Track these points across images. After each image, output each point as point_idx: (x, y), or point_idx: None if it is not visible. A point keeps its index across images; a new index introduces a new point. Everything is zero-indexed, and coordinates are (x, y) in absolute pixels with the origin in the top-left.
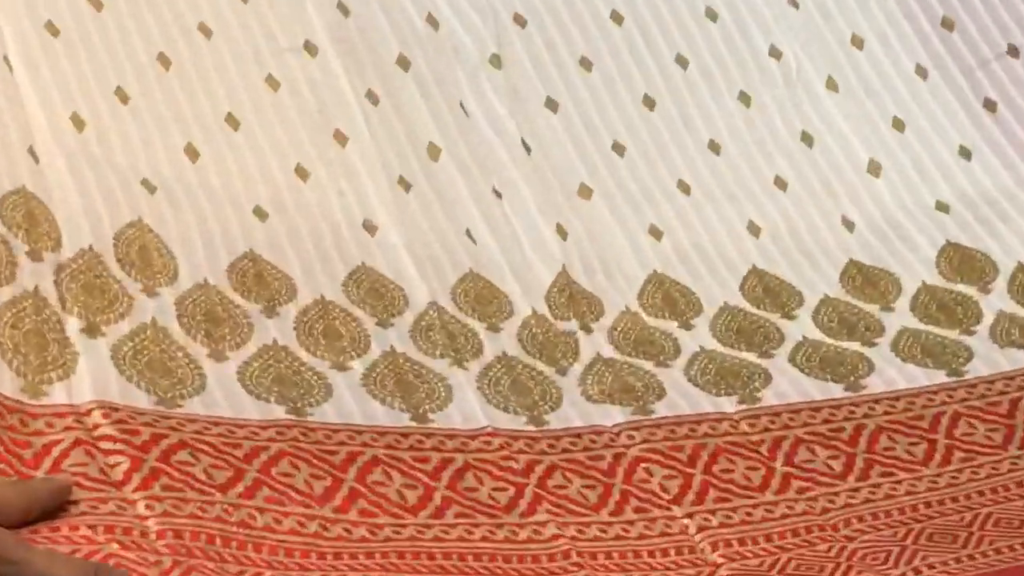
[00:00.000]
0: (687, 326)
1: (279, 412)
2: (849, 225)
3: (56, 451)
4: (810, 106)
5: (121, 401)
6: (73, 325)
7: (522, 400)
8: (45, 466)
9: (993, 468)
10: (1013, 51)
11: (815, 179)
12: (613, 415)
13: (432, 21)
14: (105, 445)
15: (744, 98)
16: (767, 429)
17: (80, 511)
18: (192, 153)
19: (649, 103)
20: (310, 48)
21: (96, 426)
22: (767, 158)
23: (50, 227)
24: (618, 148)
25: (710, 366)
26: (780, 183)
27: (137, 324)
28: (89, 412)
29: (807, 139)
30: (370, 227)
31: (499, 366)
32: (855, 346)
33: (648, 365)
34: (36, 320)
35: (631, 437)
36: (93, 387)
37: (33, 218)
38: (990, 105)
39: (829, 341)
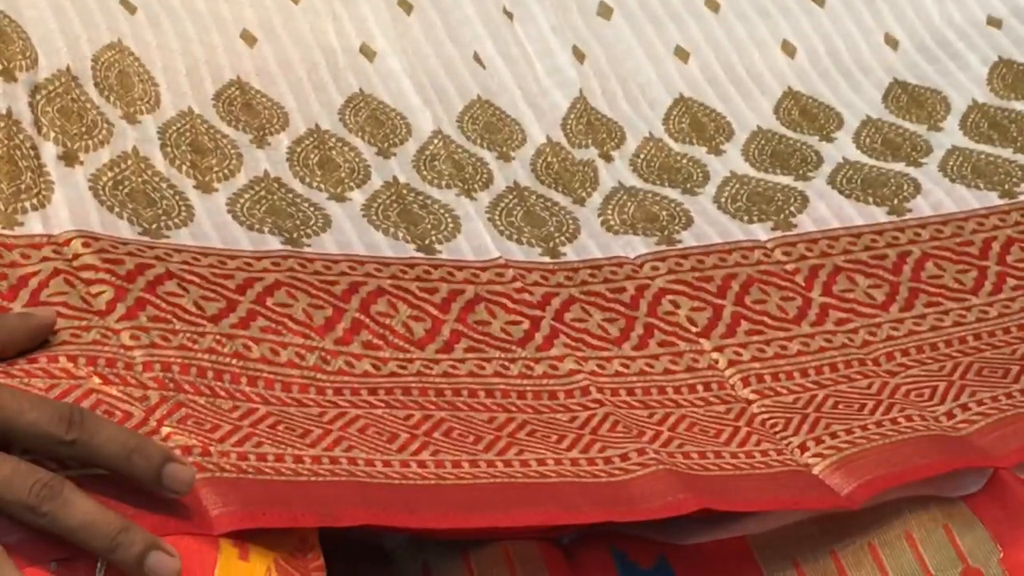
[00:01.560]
0: (717, 151)
1: (274, 243)
2: (893, 43)
3: (33, 282)
4: None
5: (102, 231)
6: (49, 151)
7: (536, 231)
8: (23, 299)
9: None
10: None
11: None
12: (635, 246)
13: None
14: (86, 275)
15: None
16: (803, 257)
17: (60, 340)
18: None
19: None
20: None
21: (76, 256)
22: None
23: (24, 46)
24: None
25: (742, 191)
26: None
27: (118, 153)
28: (68, 242)
29: None
30: (368, 52)
31: (511, 196)
32: (900, 167)
33: (674, 193)
34: (8, 145)
35: (655, 268)
36: (71, 217)
37: (5, 36)
38: None
39: (872, 162)
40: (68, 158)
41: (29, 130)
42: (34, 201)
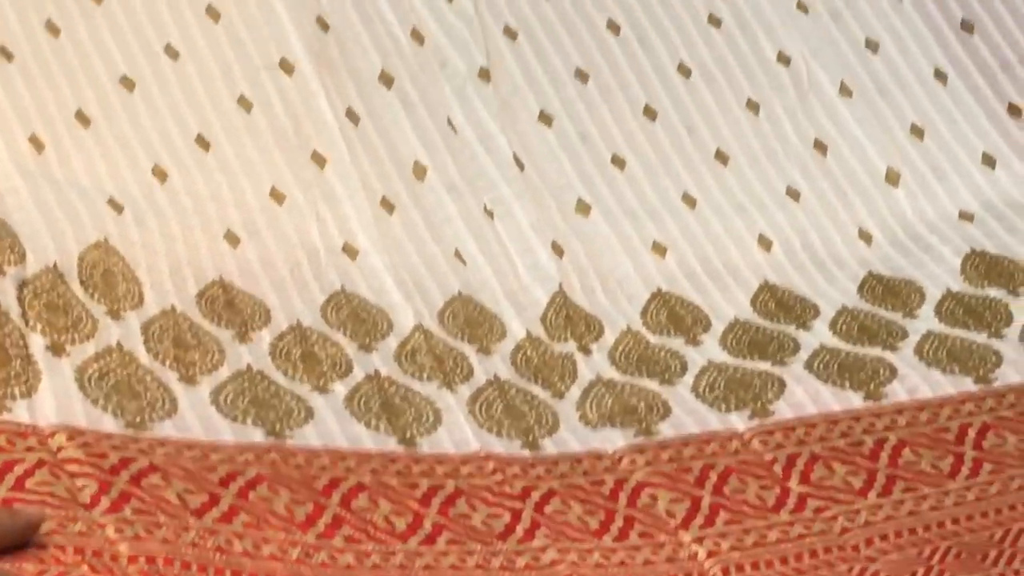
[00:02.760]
0: (695, 342)
1: (256, 435)
2: (867, 237)
3: (19, 469)
4: (823, 113)
5: (87, 424)
6: (37, 342)
7: (516, 424)
8: (8, 483)
9: None
10: None
11: (829, 189)
12: (614, 439)
13: (417, 35)
14: (71, 467)
15: (752, 106)
16: (780, 446)
17: (48, 529)
18: (160, 174)
19: (650, 114)
20: (286, 66)
21: (60, 448)
22: (778, 168)
23: (12, 243)
24: (618, 162)
25: (719, 380)
26: (792, 194)
27: (103, 347)
28: (52, 435)
29: (820, 147)
30: (351, 251)
31: (491, 390)
32: (876, 351)
33: (652, 384)
34: None
35: (634, 462)
36: (57, 409)
37: None
38: (1014, 110)
39: (848, 348)
40: (55, 349)
41: (17, 321)
42: (22, 388)
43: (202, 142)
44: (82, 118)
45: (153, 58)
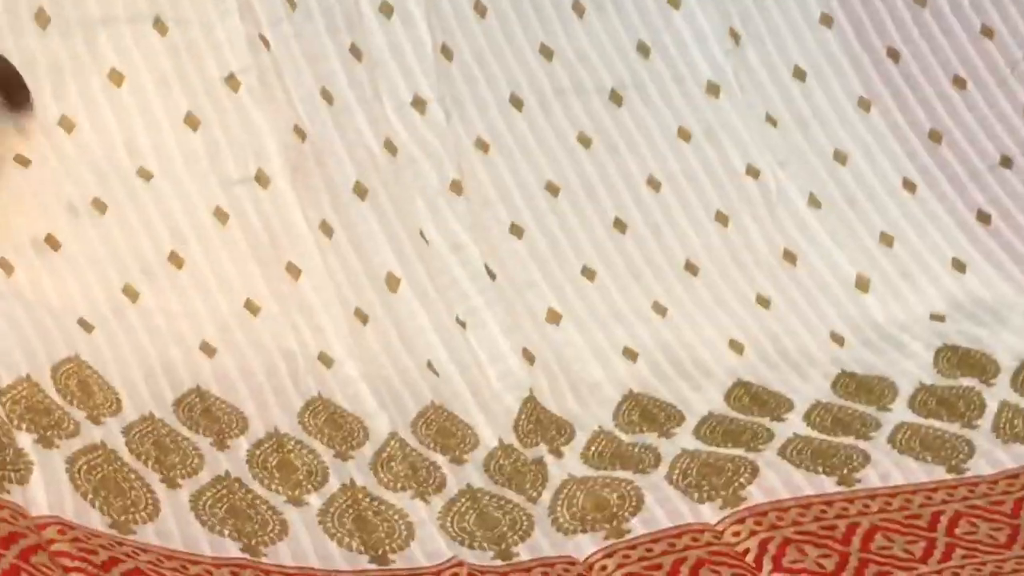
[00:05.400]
0: (668, 435)
1: (233, 549)
2: (839, 340)
3: (23, 543)
4: (792, 223)
5: (75, 519)
6: (25, 439)
7: (488, 534)
8: (15, 551)
9: (997, 567)
10: (1006, 162)
11: (800, 296)
12: (584, 546)
13: (390, 146)
14: (64, 561)
15: (721, 218)
16: (753, 532)
17: None
18: (131, 293)
19: (620, 226)
20: (262, 178)
21: (52, 541)
22: (748, 277)
23: None
24: (588, 272)
25: (692, 465)
26: (763, 301)
27: (87, 443)
28: (45, 526)
29: (790, 257)
30: (326, 359)
31: (464, 500)
32: (849, 440)
33: (627, 474)
34: None
35: (604, 568)
36: (48, 499)
37: None
38: (984, 217)
39: (822, 436)
40: (44, 442)
41: (3, 419)
42: (17, 475)
43: (175, 259)
44: (52, 241)
45: (125, 178)
